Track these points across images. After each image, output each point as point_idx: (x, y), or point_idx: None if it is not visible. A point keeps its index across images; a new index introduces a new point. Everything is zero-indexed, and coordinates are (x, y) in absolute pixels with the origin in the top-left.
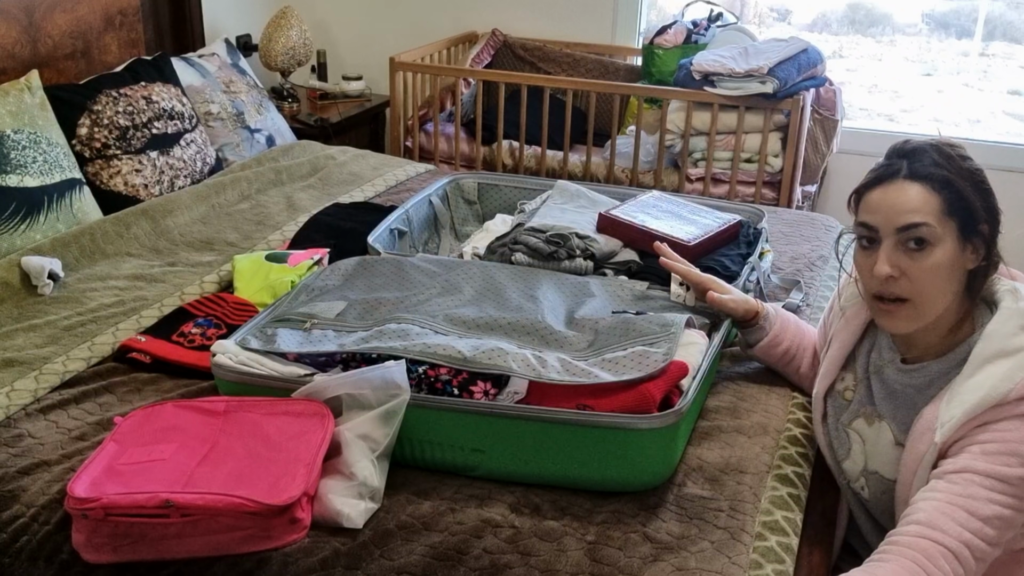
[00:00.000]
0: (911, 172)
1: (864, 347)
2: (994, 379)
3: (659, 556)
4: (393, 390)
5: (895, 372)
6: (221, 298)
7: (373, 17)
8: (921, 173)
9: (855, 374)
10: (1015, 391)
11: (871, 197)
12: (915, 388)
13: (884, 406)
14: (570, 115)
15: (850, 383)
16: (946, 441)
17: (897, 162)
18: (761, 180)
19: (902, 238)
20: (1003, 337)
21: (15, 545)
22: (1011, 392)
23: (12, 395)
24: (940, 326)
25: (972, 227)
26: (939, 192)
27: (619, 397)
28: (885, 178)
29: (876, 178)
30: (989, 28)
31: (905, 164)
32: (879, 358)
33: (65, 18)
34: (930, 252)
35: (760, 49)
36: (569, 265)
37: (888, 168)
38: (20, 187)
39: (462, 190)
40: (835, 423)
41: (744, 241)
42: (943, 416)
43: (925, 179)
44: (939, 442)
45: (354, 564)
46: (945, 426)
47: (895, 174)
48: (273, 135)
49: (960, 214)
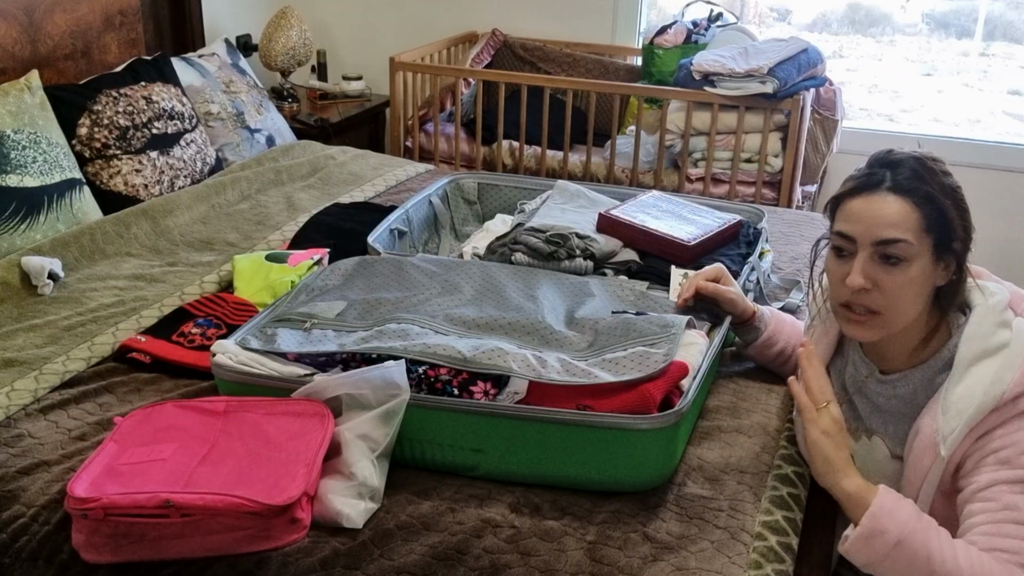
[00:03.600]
0: (894, 184)
1: (836, 365)
2: (984, 383)
3: (659, 556)
4: (393, 390)
5: (877, 385)
6: (221, 298)
7: (373, 17)
8: (904, 187)
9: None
10: (1009, 391)
11: (851, 206)
12: (900, 399)
13: (873, 421)
14: (570, 115)
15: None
16: (953, 456)
17: (879, 172)
18: (761, 180)
19: (879, 251)
20: (982, 337)
21: (15, 545)
22: (1005, 394)
23: (12, 395)
24: (909, 337)
25: (947, 244)
26: (920, 208)
27: (619, 397)
28: (867, 188)
29: (857, 187)
30: (989, 28)
31: (888, 175)
32: (856, 374)
33: (65, 18)
34: (905, 268)
35: (760, 49)
36: (569, 265)
37: (870, 178)
38: (20, 187)
39: (462, 190)
40: None
41: (744, 241)
42: (943, 429)
43: (908, 193)
44: (945, 456)
45: (354, 564)
46: (948, 439)
47: (877, 185)
48: (273, 135)
49: (937, 230)
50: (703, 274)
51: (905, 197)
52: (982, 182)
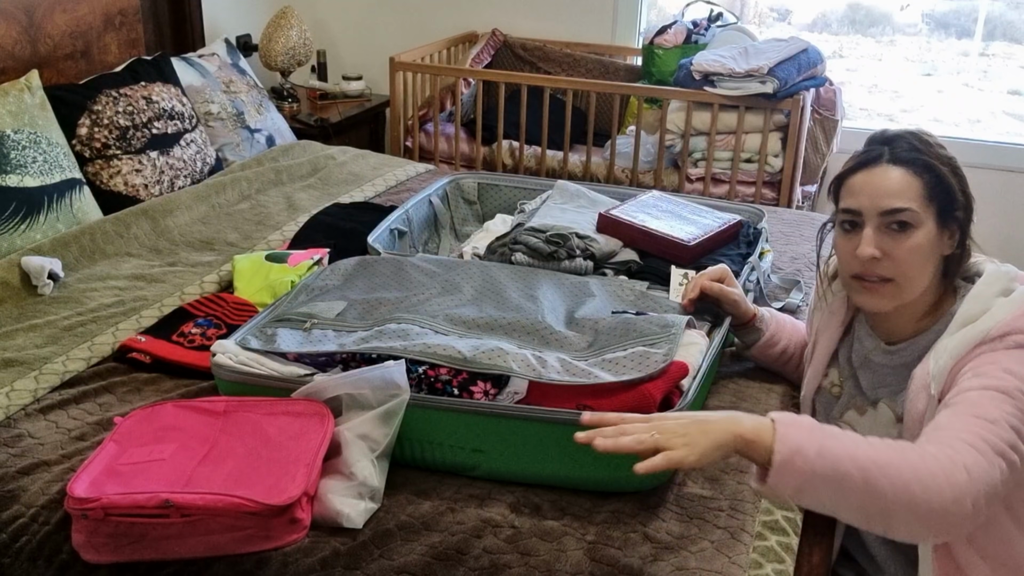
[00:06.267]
0: (893, 157)
1: (845, 343)
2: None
3: (659, 556)
4: (393, 390)
5: (882, 355)
6: (221, 298)
7: (373, 17)
8: (903, 158)
9: (839, 370)
10: (995, 328)
11: (853, 181)
12: (905, 366)
13: (879, 391)
14: (570, 115)
15: (835, 379)
16: (941, 391)
17: (878, 148)
18: (761, 180)
19: (885, 221)
20: (984, 299)
21: (15, 545)
22: (992, 330)
23: (12, 395)
24: (917, 309)
25: (950, 212)
26: (920, 176)
27: (619, 397)
28: (867, 163)
29: (858, 164)
30: (989, 28)
31: (887, 150)
32: (862, 348)
33: (65, 18)
34: (912, 234)
35: (760, 49)
36: (569, 265)
37: (869, 154)
38: (20, 187)
39: (462, 190)
40: (824, 419)
41: (744, 241)
42: (933, 370)
43: (907, 163)
44: (935, 393)
45: (354, 564)
46: (937, 377)
47: (877, 159)
48: (273, 135)
49: (939, 198)
50: (708, 274)
51: (905, 167)
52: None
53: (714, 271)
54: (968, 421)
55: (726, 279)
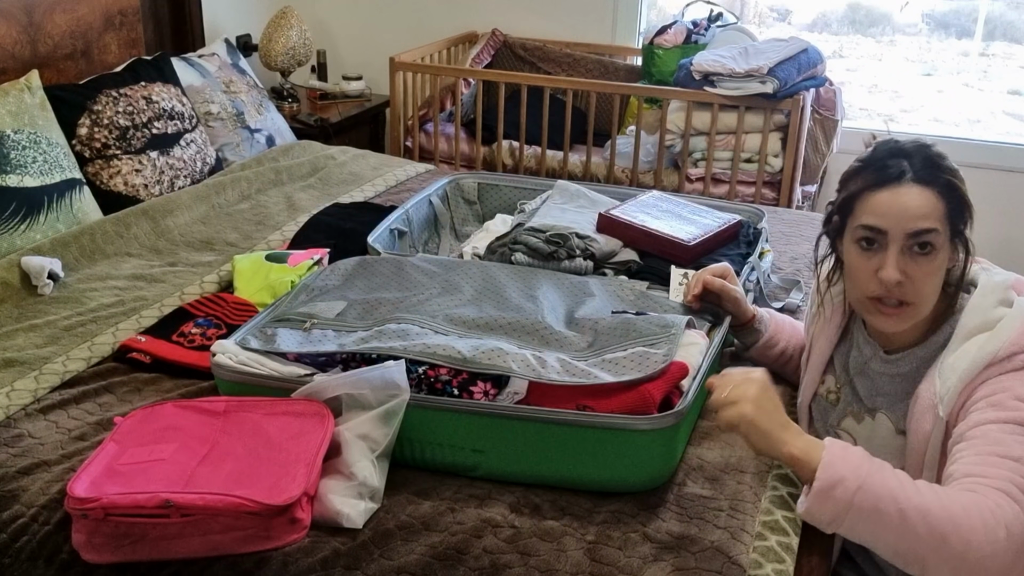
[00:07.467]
0: (917, 176)
1: (841, 349)
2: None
3: (659, 556)
4: (393, 390)
5: (880, 364)
6: (221, 298)
7: (373, 17)
8: (927, 178)
9: (835, 376)
10: (1003, 349)
11: (879, 199)
12: (903, 376)
13: (877, 400)
14: (570, 115)
15: (832, 386)
16: (950, 415)
17: (898, 163)
18: (761, 180)
19: (910, 243)
20: (984, 310)
21: (15, 545)
22: (1000, 350)
23: (12, 395)
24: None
25: (960, 229)
26: (943, 197)
27: (619, 398)
28: (891, 180)
29: (880, 180)
30: (989, 28)
31: (908, 166)
32: (860, 355)
33: (65, 18)
34: (934, 256)
35: (760, 49)
36: (569, 265)
37: (890, 170)
38: (20, 187)
39: (462, 190)
40: (823, 426)
41: (744, 241)
42: (940, 390)
43: (931, 183)
44: (944, 415)
45: (354, 564)
46: (945, 399)
47: (900, 176)
48: (273, 135)
49: (955, 217)
50: (710, 270)
51: (930, 188)
52: (982, 182)
53: (716, 268)
54: (995, 463)
55: (728, 276)
